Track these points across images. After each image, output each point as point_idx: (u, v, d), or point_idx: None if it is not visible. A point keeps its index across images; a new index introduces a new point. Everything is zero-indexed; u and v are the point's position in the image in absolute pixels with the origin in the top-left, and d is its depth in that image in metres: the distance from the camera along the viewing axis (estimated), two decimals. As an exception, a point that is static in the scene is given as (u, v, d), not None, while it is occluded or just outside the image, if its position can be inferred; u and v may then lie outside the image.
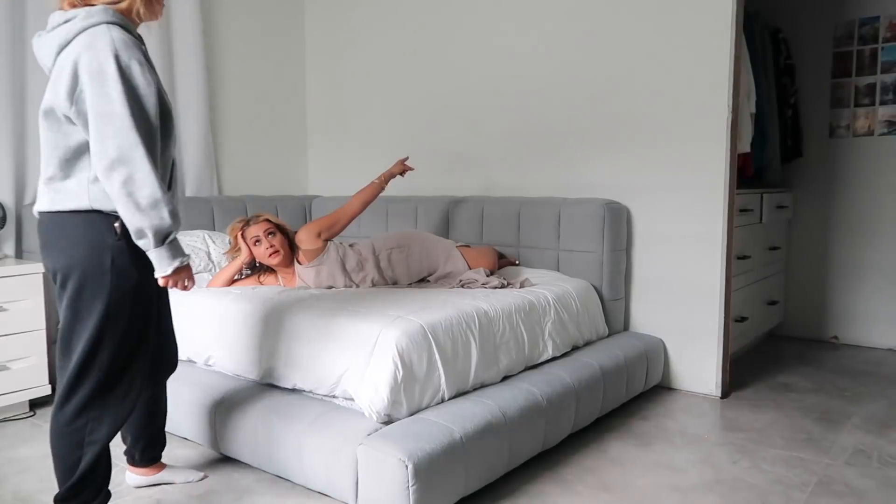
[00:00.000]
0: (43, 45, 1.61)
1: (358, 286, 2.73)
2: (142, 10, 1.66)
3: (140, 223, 1.53)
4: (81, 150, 1.59)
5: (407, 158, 2.94)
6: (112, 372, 1.65)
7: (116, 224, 1.60)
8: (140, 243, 1.57)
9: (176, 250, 1.61)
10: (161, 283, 1.64)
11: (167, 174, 1.72)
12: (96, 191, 1.58)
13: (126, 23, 1.62)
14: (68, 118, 1.56)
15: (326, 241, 2.75)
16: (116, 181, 1.51)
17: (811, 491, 2.01)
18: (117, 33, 1.56)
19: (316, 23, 4.11)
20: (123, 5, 1.62)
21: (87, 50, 1.52)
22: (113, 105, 1.51)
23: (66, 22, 1.57)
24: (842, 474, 2.13)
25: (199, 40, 3.50)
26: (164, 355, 1.90)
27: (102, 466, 1.69)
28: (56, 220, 1.61)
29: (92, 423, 1.64)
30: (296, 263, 2.71)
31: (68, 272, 1.60)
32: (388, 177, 2.87)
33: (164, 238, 1.58)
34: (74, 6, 1.60)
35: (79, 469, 1.64)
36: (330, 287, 2.69)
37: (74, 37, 1.55)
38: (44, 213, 1.63)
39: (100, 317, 1.60)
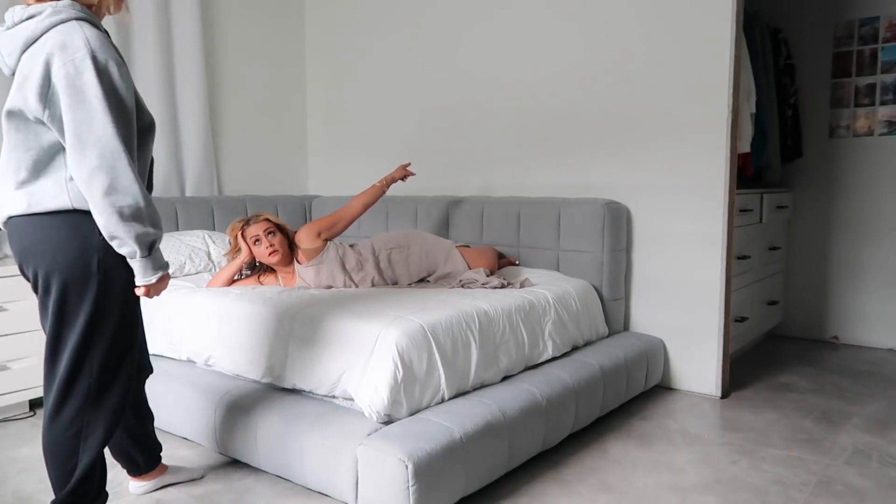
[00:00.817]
0: (5, 43, 1.52)
1: (358, 286, 2.73)
2: (112, 6, 1.61)
3: (123, 233, 1.48)
4: (55, 150, 1.53)
5: (409, 164, 2.95)
6: (103, 375, 1.60)
7: None
8: (122, 251, 1.53)
9: (159, 259, 1.58)
10: (141, 291, 1.60)
11: (145, 174, 1.69)
12: (76, 189, 1.52)
13: (94, 18, 1.55)
14: (40, 121, 1.50)
15: (326, 240, 2.75)
16: (98, 190, 1.45)
17: (811, 491, 2.01)
18: (90, 31, 1.49)
19: (316, 23, 4.11)
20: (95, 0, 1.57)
21: (60, 50, 1.44)
22: (93, 111, 1.44)
23: (30, 18, 1.50)
24: (841, 474, 2.13)
25: (199, 40, 3.50)
26: (142, 356, 1.88)
27: (98, 470, 1.66)
28: (35, 223, 1.53)
29: (86, 430, 1.60)
30: (295, 263, 2.71)
31: (50, 277, 1.53)
32: (389, 181, 2.88)
33: (150, 247, 1.54)
34: (39, 1, 1.52)
35: (75, 475, 1.60)
36: (329, 287, 2.69)
37: (42, 34, 1.48)
38: (19, 217, 1.55)
39: (87, 320, 1.55)
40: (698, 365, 2.90)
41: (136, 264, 1.55)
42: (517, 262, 3.11)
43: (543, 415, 2.15)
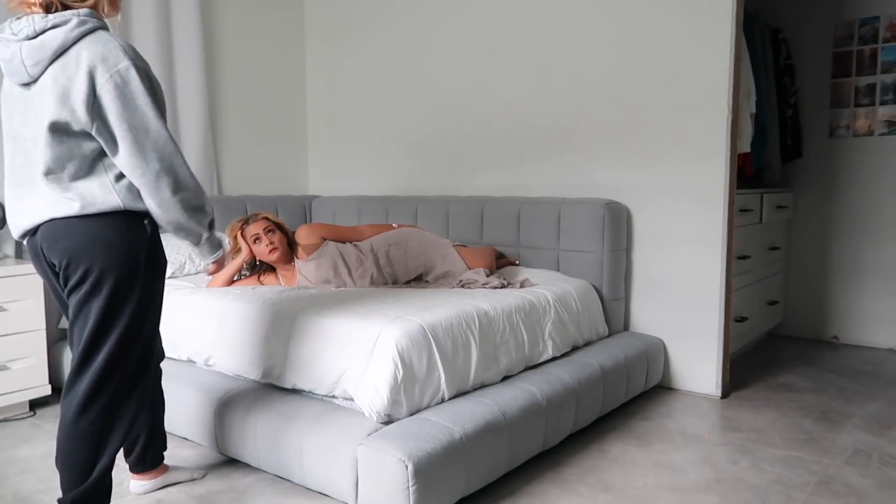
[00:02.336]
0: (29, 53, 1.51)
1: (356, 282, 2.73)
2: (107, 7, 1.64)
3: (194, 223, 1.64)
4: (94, 156, 1.58)
5: None
6: (136, 371, 1.66)
7: (146, 221, 1.63)
8: (189, 239, 1.67)
9: (216, 236, 1.75)
10: (211, 269, 1.82)
11: None
12: (124, 190, 1.59)
13: (106, 24, 1.60)
14: (86, 132, 1.54)
15: (325, 239, 2.79)
16: (166, 191, 1.57)
17: (811, 491, 2.01)
18: (119, 40, 1.54)
19: (316, 23, 4.11)
20: (90, 2, 1.59)
21: (102, 63, 1.49)
22: (147, 118, 1.53)
23: (55, 28, 1.50)
24: (842, 474, 2.13)
25: (199, 40, 3.50)
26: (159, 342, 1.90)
27: (111, 468, 1.68)
28: (87, 224, 1.57)
29: (110, 425, 1.64)
30: (296, 259, 2.73)
31: (104, 275, 1.56)
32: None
33: (211, 227, 1.70)
34: (48, 10, 1.53)
35: (94, 472, 1.63)
36: (328, 282, 2.69)
37: (73, 44, 1.50)
38: (66, 218, 1.57)
39: (131, 318, 1.61)
40: (698, 365, 2.90)
41: (203, 247, 1.71)
42: (517, 262, 3.11)
43: (543, 415, 2.15)
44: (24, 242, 1.67)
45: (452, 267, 2.82)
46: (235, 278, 2.74)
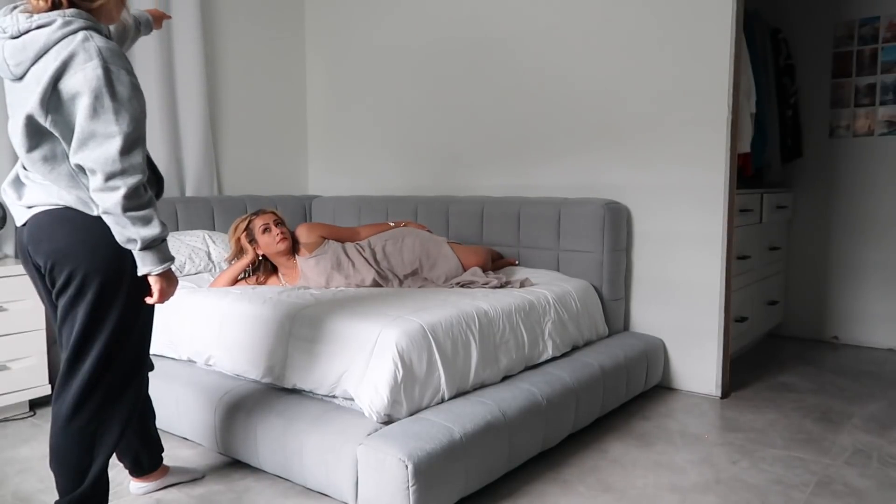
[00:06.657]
0: (11, 53, 1.49)
1: (360, 272, 2.73)
2: (114, 12, 1.61)
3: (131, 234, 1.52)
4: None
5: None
6: (127, 372, 1.65)
7: None
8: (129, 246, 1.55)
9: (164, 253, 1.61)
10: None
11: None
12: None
13: (100, 26, 1.54)
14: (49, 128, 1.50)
15: (324, 238, 2.81)
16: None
17: (811, 491, 2.01)
18: (101, 41, 1.48)
19: (316, 23, 4.11)
20: (95, 5, 1.55)
21: (72, 60, 1.44)
22: (108, 125, 1.45)
23: (40, 28, 1.47)
24: (842, 474, 2.13)
25: (199, 40, 3.50)
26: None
27: (106, 470, 1.68)
28: (70, 227, 1.55)
29: (103, 428, 1.63)
30: (297, 257, 2.75)
31: (88, 278, 1.54)
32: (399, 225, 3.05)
33: (150, 244, 1.55)
34: (40, 10, 1.50)
35: (91, 474, 1.62)
36: (330, 276, 2.70)
37: (55, 44, 1.46)
38: (50, 217, 1.55)
39: (118, 320, 1.59)
40: (698, 365, 2.90)
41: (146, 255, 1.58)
42: (517, 263, 3.11)
43: (543, 415, 2.15)
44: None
45: (447, 263, 2.82)
46: (239, 277, 2.75)
